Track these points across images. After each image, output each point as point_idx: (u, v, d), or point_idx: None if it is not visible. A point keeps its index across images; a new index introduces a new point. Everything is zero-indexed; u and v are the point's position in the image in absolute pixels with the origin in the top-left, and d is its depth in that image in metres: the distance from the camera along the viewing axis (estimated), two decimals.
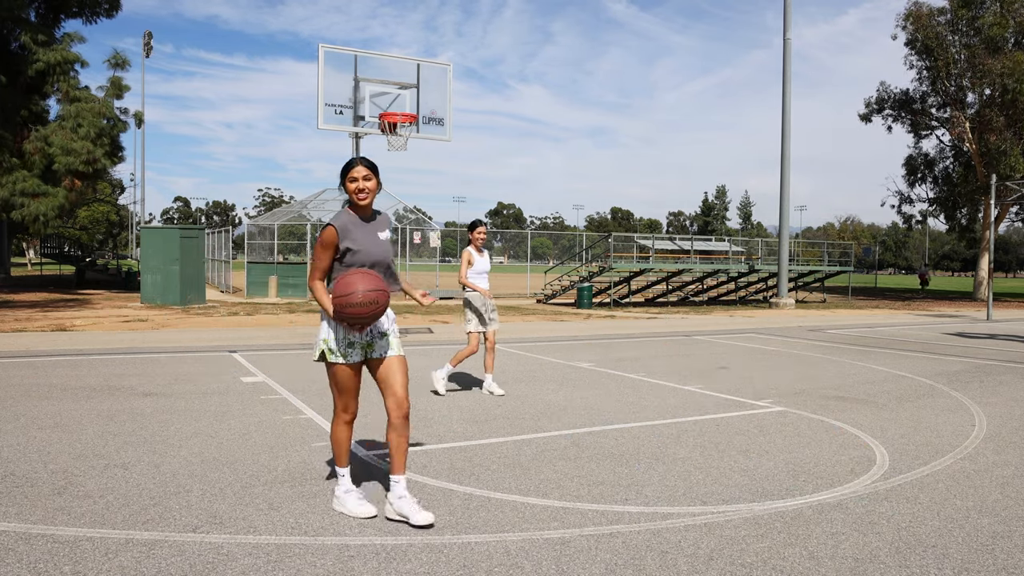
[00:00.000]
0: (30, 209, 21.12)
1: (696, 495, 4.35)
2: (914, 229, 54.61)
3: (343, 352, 3.86)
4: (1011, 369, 10.11)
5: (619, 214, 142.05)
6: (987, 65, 31.37)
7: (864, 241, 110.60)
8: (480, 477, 4.64)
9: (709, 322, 18.39)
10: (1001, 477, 4.82)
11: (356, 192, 3.89)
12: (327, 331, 3.88)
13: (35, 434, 5.54)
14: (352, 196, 3.92)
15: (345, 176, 3.92)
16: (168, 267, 19.67)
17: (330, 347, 3.87)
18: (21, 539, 3.50)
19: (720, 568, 3.32)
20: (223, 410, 6.54)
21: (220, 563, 3.27)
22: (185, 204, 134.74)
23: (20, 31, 22.02)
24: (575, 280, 25.52)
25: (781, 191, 26.14)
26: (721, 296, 31.19)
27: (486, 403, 7.09)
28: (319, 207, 30.26)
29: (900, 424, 6.36)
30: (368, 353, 3.98)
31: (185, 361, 9.59)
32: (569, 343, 12.71)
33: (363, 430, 5.85)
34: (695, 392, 7.89)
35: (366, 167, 3.91)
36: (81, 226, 68.48)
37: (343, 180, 3.93)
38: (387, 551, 3.44)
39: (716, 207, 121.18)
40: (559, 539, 3.62)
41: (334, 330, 3.86)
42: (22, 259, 69.88)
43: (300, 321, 15.96)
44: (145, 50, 47.62)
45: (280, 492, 4.27)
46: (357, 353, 3.91)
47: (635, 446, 5.51)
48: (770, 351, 11.97)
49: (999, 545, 3.65)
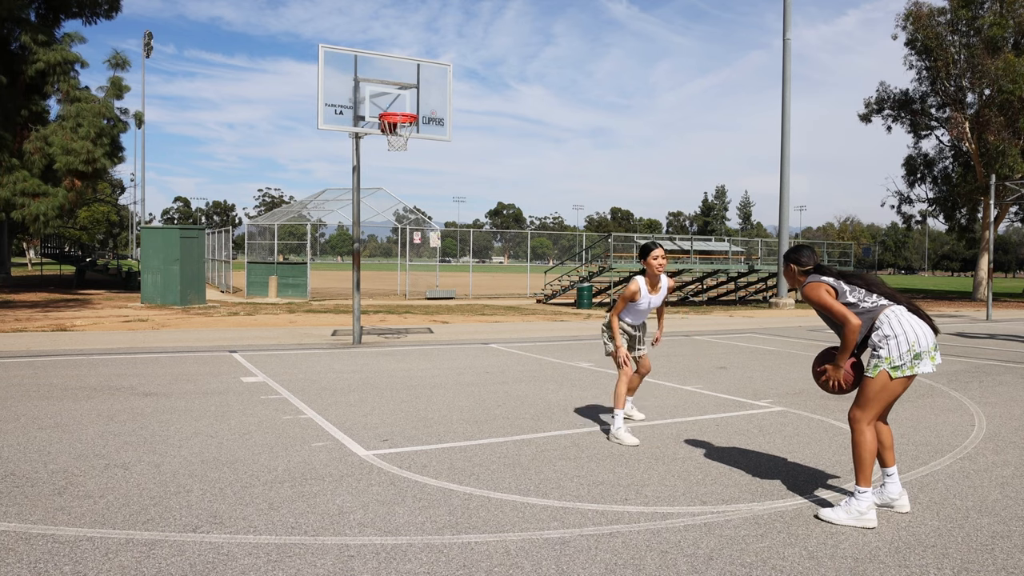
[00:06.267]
0: (30, 209, 21.12)
1: (696, 495, 4.35)
2: (913, 229, 54.56)
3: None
4: (1011, 369, 10.11)
5: (619, 214, 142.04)
6: (986, 65, 31.38)
7: (864, 241, 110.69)
8: (480, 477, 4.64)
9: (709, 322, 18.40)
10: (1001, 477, 4.82)
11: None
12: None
13: (35, 434, 5.54)
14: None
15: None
16: (168, 267, 19.67)
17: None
18: (21, 539, 3.50)
19: (720, 568, 3.32)
20: (223, 410, 6.54)
21: (220, 563, 3.27)
22: (185, 204, 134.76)
23: (20, 31, 22.02)
24: (575, 280, 25.53)
25: (781, 191, 26.14)
26: (721, 296, 31.20)
27: (486, 403, 7.10)
28: (319, 207, 30.27)
29: (900, 424, 6.36)
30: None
31: (185, 361, 9.59)
32: (569, 343, 12.71)
33: (364, 430, 5.85)
34: (695, 392, 7.89)
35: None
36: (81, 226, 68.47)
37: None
38: (387, 551, 3.45)
39: (716, 207, 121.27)
40: (559, 539, 3.62)
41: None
42: (22, 259, 69.87)
43: (300, 321, 15.96)
44: (145, 50, 47.63)
45: (280, 492, 4.27)
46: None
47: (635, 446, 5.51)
48: (770, 351, 11.97)
49: (999, 545, 3.65)
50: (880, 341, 3.86)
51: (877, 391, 3.87)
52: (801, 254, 4.17)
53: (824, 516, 3.95)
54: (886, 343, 3.83)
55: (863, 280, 4.04)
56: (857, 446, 3.91)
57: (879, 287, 4.02)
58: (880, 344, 3.86)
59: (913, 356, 3.80)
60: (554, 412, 6.71)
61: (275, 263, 26.42)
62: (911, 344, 3.80)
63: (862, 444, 3.89)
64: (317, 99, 11.41)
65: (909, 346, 3.80)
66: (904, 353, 3.80)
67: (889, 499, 4.04)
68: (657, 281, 5.81)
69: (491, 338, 13.27)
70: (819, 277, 4.03)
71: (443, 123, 12.37)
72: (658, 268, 5.70)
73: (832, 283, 3.99)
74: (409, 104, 11.94)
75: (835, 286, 3.98)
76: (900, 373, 3.82)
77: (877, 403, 3.89)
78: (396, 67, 12.18)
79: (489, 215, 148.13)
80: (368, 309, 19.70)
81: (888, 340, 3.83)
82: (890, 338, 3.83)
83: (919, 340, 3.81)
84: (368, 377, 8.57)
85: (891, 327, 3.84)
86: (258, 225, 30.94)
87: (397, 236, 33.77)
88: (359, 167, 12.25)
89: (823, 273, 4.08)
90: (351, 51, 11.76)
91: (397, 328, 14.88)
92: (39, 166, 21.55)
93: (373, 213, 29.61)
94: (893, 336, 3.83)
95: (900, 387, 3.88)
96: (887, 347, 3.83)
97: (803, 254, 4.17)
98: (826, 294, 3.96)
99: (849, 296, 3.96)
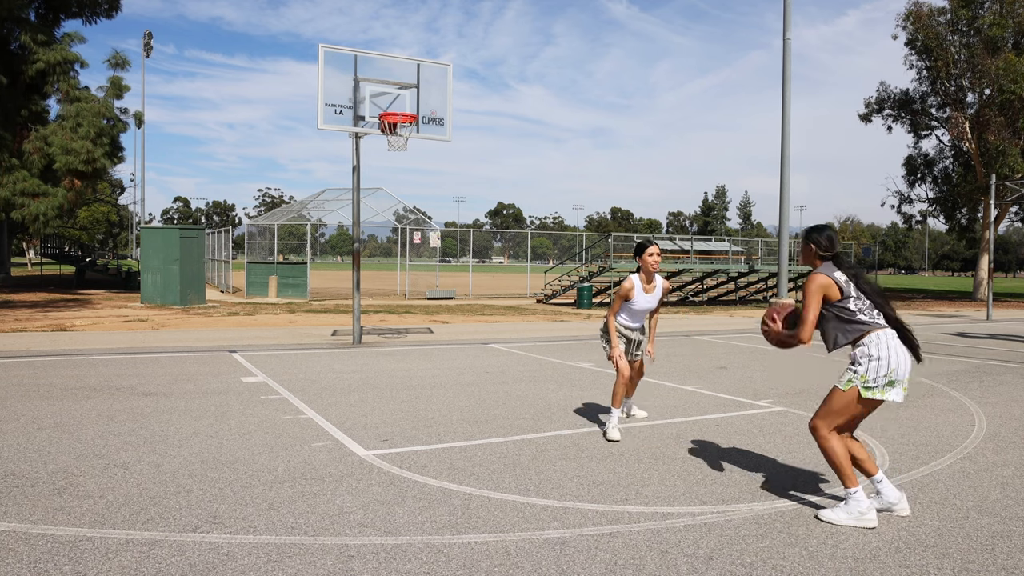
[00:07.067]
0: (30, 209, 21.11)
1: (696, 495, 4.35)
2: (914, 229, 54.58)
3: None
4: (1011, 369, 10.11)
5: (619, 214, 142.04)
6: (986, 65, 31.38)
7: (864, 241, 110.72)
8: (480, 477, 4.64)
9: (709, 322, 18.39)
10: (1001, 477, 4.82)
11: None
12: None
13: (35, 434, 5.54)
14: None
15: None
16: (168, 267, 19.67)
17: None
18: (21, 539, 3.50)
19: (720, 568, 3.32)
20: (223, 410, 6.54)
21: (220, 563, 3.27)
22: (185, 204, 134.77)
23: (20, 31, 22.02)
24: (575, 280, 25.52)
25: (781, 191, 26.10)
26: (721, 296, 31.19)
27: (486, 403, 7.09)
28: (319, 207, 30.26)
29: (900, 424, 6.36)
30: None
31: (185, 361, 9.59)
32: (569, 343, 12.71)
33: (364, 430, 5.85)
34: (695, 392, 7.89)
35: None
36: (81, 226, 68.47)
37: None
38: (387, 551, 3.44)
39: (716, 207, 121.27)
40: (559, 539, 3.62)
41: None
42: (22, 259, 69.87)
43: (300, 321, 15.96)
44: (145, 50, 47.62)
45: (280, 492, 4.27)
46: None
47: (635, 446, 5.51)
48: (770, 351, 11.97)
49: (999, 545, 3.65)
50: (862, 358, 3.88)
51: (843, 405, 3.92)
52: (822, 236, 4.11)
53: (824, 517, 3.96)
54: (867, 362, 3.85)
55: (873, 294, 3.98)
56: (826, 452, 3.97)
57: (884, 307, 3.98)
58: (860, 360, 3.88)
59: (888, 382, 3.84)
60: (554, 412, 6.71)
61: (275, 263, 26.42)
62: (890, 370, 3.83)
63: (829, 449, 3.95)
64: (317, 99, 11.40)
65: (888, 371, 3.82)
66: (881, 377, 3.83)
67: (888, 504, 4.04)
68: (652, 279, 5.81)
69: (491, 338, 13.27)
70: (832, 272, 3.98)
71: (443, 123, 12.37)
72: (652, 265, 5.70)
73: (843, 283, 3.94)
74: (409, 104, 11.94)
75: (843, 287, 3.94)
76: (870, 395, 3.85)
77: (839, 416, 3.94)
78: (396, 67, 12.17)
79: (489, 215, 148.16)
80: (368, 309, 19.70)
81: (870, 360, 3.85)
82: (872, 359, 3.85)
83: (898, 368, 3.85)
84: (368, 377, 8.57)
85: (877, 349, 3.85)
86: (258, 225, 30.94)
87: (397, 236, 33.78)
88: (359, 167, 12.25)
89: (839, 265, 4.03)
90: (351, 51, 11.76)
91: (397, 328, 14.88)
92: (39, 166, 21.55)
93: (373, 213, 29.61)
94: (876, 358, 3.84)
95: (865, 408, 3.93)
96: (867, 366, 3.85)
97: (824, 236, 4.11)
98: (815, 298, 3.94)
99: (851, 303, 3.93)
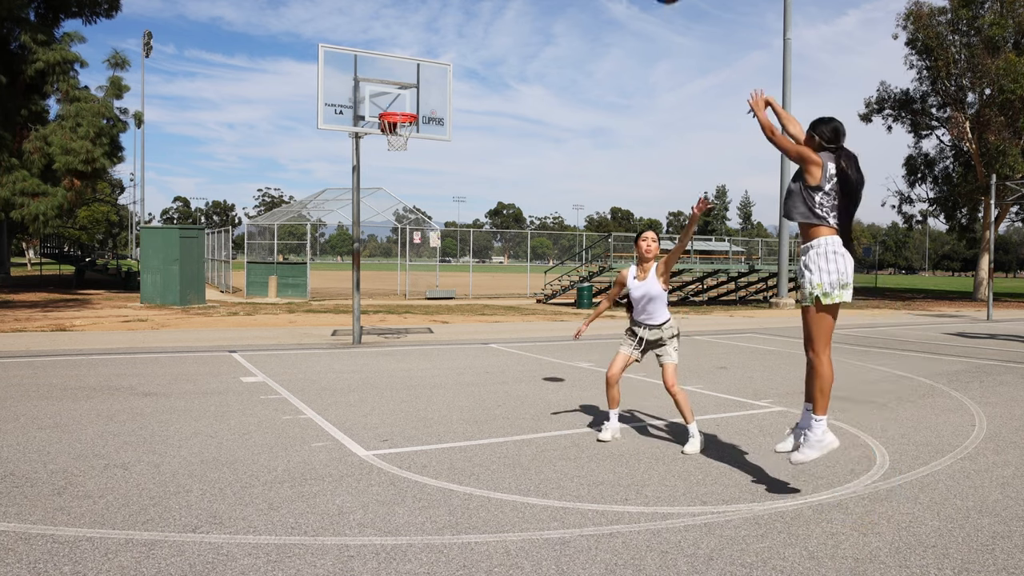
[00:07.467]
0: (30, 209, 21.10)
1: (696, 495, 4.35)
2: (914, 229, 54.59)
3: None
4: (1011, 369, 10.11)
5: (619, 214, 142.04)
6: (986, 65, 31.38)
7: (864, 241, 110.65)
8: (480, 477, 4.64)
9: (709, 322, 18.39)
10: (1001, 477, 4.82)
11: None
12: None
13: (35, 434, 5.54)
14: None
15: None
16: (168, 267, 19.67)
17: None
18: (21, 539, 3.50)
19: (720, 568, 3.32)
20: (223, 410, 6.53)
21: (220, 563, 3.27)
22: (185, 204, 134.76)
23: (20, 31, 22.01)
24: (575, 280, 25.52)
25: (781, 191, 26.13)
26: (721, 296, 31.19)
27: (486, 403, 7.09)
28: (319, 207, 30.26)
29: (900, 424, 6.36)
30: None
31: (185, 361, 9.59)
32: (569, 343, 12.70)
33: (364, 430, 5.85)
34: (695, 392, 7.89)
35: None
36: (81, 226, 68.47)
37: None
38: (387, 551, 3.44)
39: (716, 207, 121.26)
40: (559, 539, 3.62)
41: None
42: (22, 259, 69.85)
43: (300, 321, 15.96)
44: (145, 50, 47.64)
45: (280, 492, 4.27)
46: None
47: (635, 446, 5.51)
48: (770, 351, 11.97)
49: (999, 545, 3.65)
50: (811, 264, 4.15)
51: (820, 320, 4.19)
52: (827, 127, 4.22)
53: (796, 460, 4.27)
54: (817, 270, 4.13)
55: (845, 203, 4.13)
56: (821, 378, 4.22)
57: (843, 213, 4.15)
58: (810, 267, 4.15)
59: (841, 286, 4.14)
60: (554, 412, 6.71)
61: (275, 263, 26.42)
62: (840, 275, 4.11)
63: (827, 375, 4.21)
64: (317, 99, 11.40)
65: (839, 276, 4.11)
66: (835, 281, 4.11)
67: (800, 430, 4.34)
68: (648, 267, 5.76)
69: (491, 338, 13.27)
70: (828, 161, 4.13)
71: (443, 123, 12.37)
72: (647, 251, 5.65)
73: (827, 176, 4.10)
74: (409, 104, 11.94)
75: (824, 180, 4.10)
76: (829, 300, 4.14)
77: (827, 333, 4.21)
78: (396, 67, 12.17)
79: (489, 215, 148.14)
80: (368, 309, 19.70)
81: (820, 271, 4.12)
82: (823, 271, 4.11)
83: (846, 271, 4.13)
84: (368, 377, 8.57)
85: (826, 260, 4.11)
86: (258, 225, 30.95)
87: (397, 236, 33.78)
88: (359, 167, 12.25)
89: (839, 158, 4.14)
90: (351, 51, 11.76)
91: (397, 328, 14.88)
92: (38, 166, 21.54)
93: (373, 213, 29.61)
94: (826, 270, 4.11)
95: (832, 314, 4.20)
96: (818, 274, 4.13)
97: (828, 128, 4.21)
98: (805, 151, 4.18)
99: (819, 196, 4.12)
